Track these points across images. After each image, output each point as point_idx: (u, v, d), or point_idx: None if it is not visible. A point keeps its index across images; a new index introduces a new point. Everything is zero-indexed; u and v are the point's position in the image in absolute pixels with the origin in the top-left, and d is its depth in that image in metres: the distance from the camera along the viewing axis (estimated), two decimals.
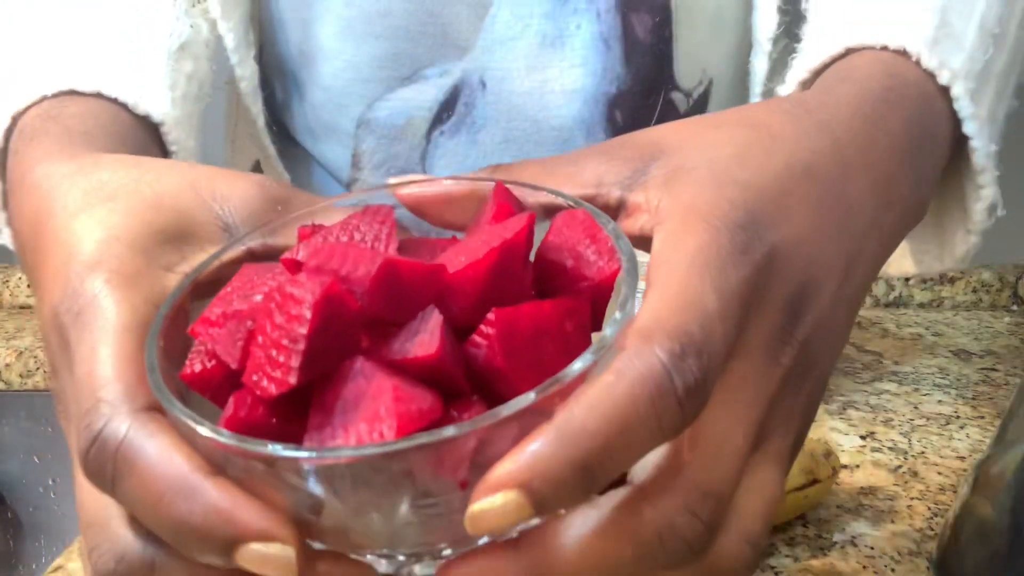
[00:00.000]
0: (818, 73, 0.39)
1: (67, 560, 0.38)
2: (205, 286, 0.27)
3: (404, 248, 0.27)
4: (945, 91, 0.37)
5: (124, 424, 0.24)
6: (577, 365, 0.22)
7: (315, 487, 0.22)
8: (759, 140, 0.29)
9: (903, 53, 0.36)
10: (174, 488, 0.23)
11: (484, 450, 0.22)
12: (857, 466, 0.46)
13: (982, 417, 0.52)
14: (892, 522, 0.41)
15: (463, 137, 0.69)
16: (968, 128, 0.38)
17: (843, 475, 0.45)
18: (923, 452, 0.48)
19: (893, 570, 0.37)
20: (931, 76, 0.36)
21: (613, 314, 0.24)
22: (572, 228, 0.27)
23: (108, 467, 0.24)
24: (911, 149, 0.33)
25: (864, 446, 0.48)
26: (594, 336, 0.24)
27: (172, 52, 0.49)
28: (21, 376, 0.64)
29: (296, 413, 0.23)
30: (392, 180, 0.30)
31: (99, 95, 0.42)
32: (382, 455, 0.21)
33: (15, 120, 0.40)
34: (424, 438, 0.21)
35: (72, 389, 0.26)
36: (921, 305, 0.73)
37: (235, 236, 0.30)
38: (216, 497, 0.23)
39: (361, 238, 0.27)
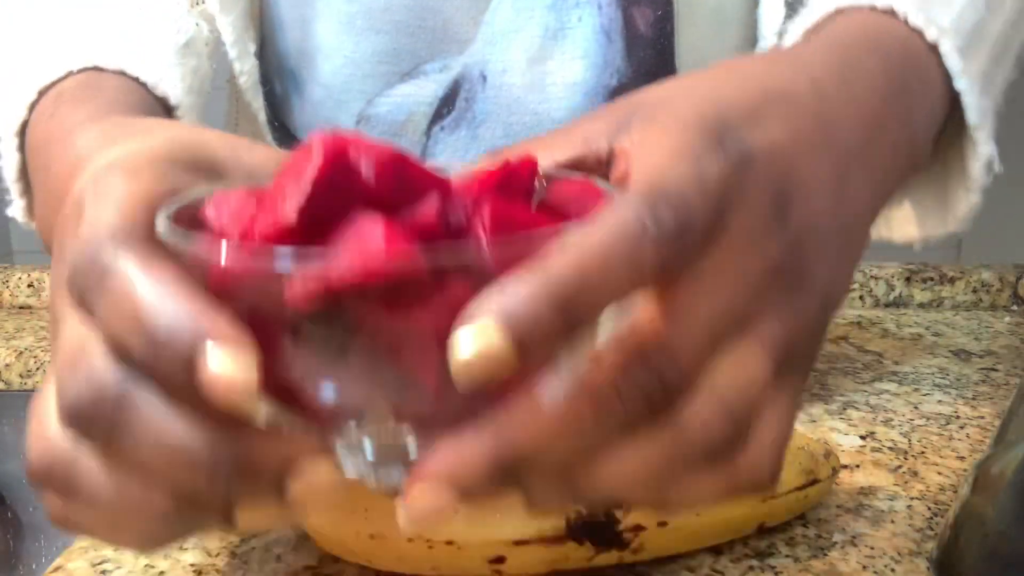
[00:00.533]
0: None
1: (67, 560, 0.38)
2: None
3: None
4: (936, 50, 0.38)
5: (117, 246, 0.25)
6: (551, 229, 0.23)
7: (307, 331, 0.22)
8: (735, 74, 0.31)
9: (891, 13, 0.37)
10: (153, 296, 0.23)
11: (452, 290, 0.22)
12: (857, 466, 0.46)
13: (982, 417, 0.52)
14: (892, 522, 0.41)
15: (463, 132, 0.69)
16: (959, 84, 0.38)
17: (843, 475, 0.45)
18: (923, 452, 0.48)
19: (893, 570, 0.37)
20: (920, 34, 0.37)
21: None
22: (571, 184, 0.28)
23: (93, 276, 0.24)
24: (894, 89, 0.34)
25: (864, 446, 0.48)
26: None
27: (179, 47, 0.50)
28: (21, 376, 0.64)
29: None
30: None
31: (122, 73, 0.43)
32: (369, 270, 0.21)
33: (41, 95, 0.42)
34: (408, 261, 0.21)
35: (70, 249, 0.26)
36: (921, 305, 0.73)
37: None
38: (189, 301, 0.23)
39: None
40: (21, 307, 0.75)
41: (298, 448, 0.24)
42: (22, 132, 0.42)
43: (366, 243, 0.22)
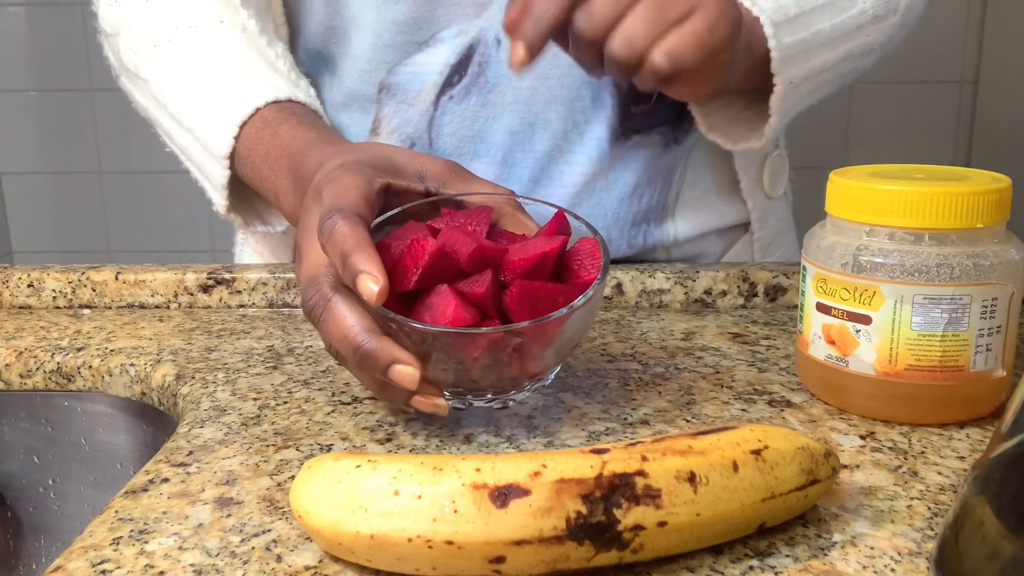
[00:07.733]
0: None
1: (67, 560, 0.38)
2: (403, 215, 0.52)
3: (491, 234, 0.50)
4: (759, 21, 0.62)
5: (337, 214, 0.46)
6: (555, 314, 0.45)
7: (412, 342, 0.46)
8: None
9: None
10: (350, 244, 0.45)
11: (493, 346, 0.45)
12: (857, 466, 0.46)
13: (982, 417, 0.52)
14: (892, 522, 0.41)
15: (473, 99, 0.71)
16: (771, 44, 0.62)
17: (843, 475, 0.45)
18: (923, 452, 0.48)
19: (893, 570, 0.37)
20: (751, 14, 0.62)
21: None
22: (584, 248, 0.50)
23: (326, 229, 0.46)
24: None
25: (864, 446, 0.48)
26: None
27: (294, 69, 0.72)
28: (21, 376, 0.64)
29: (412, 303, 0.47)
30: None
31: (291, 100, 0.65)
32: (437, 332, 0.45)
33: (240, 128, 0.63)
34: (458, 330, 0.45)
35: (318, 213, 0.49)
36: None
37: (426, 182, 0.54)
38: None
39: (469, 224, 0.50)
40: (21, 307, 0.75)
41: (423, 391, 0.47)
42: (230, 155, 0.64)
43: (443, 311, 0.45)
